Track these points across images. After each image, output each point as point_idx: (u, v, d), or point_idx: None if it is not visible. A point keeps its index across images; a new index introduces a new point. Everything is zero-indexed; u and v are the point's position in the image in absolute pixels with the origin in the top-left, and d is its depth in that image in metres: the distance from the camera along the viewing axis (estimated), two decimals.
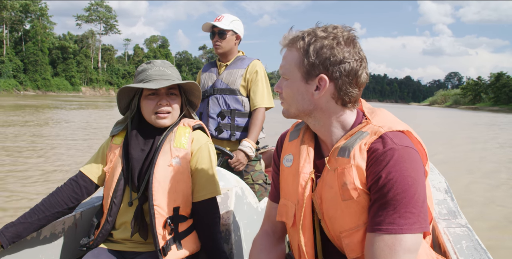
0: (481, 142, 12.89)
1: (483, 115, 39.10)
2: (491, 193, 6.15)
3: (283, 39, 1.08)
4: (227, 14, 2.65)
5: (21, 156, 7.55)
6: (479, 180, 6.97)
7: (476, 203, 5.40)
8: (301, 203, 1.08)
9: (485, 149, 11.39)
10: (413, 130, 1.07)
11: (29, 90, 64.81)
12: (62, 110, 23.04)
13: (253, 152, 2.50)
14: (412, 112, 41.46)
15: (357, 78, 1.03)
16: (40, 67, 66.89)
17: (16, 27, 69.88)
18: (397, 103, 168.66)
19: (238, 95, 2.58)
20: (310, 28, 1.06)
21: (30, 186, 5.53)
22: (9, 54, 65.64)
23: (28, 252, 1.47)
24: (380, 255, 0.92)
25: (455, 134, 16.10)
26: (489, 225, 4.48)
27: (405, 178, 0.93)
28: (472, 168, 8.08)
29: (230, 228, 1.72)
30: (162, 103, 1.48)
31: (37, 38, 67.74)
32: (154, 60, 1.58)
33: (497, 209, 5.28)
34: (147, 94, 1.50)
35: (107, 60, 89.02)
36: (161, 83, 1.46)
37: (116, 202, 1.50)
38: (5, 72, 61.66)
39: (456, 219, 1.39)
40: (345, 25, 1.07)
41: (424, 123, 23.00)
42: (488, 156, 9.89)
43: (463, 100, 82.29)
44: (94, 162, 1.58)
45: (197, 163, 1.53)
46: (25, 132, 11.21)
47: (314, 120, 1.09)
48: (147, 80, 1.49)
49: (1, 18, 65.42)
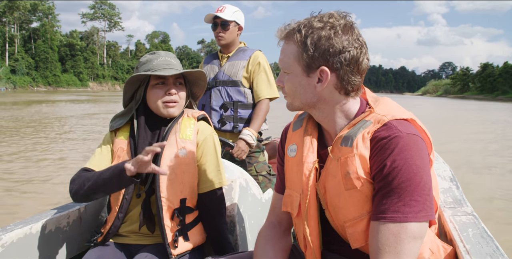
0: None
1: (465, 102, 43.54)
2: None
3: (279, 32, 1.05)
4: (229, 5, 2.57)
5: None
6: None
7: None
8: (305, 192, 1.06)
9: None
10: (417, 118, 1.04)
11: (41, 86, 66.78)
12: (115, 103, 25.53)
13: (253, 140, 2.45)
14: (403, 101, 45.58)
15: (358, 65, 0.99)
16: (50, 64, 69.19)
17: (24, 26, 72.96)
18: (392, 93, 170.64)
19: (240, 86, 2.54)
20: (306, 19, 1.02)
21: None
22: (20, 52, 69.04)
23: (33, 246, 1.44)
24: (386, 243, 0.90)
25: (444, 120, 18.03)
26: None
27: (410, 166, 0.91)
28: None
29: (235, 219, 1.70)
30: (172, 92, 1.44)
31: (46, 37, 69.53)
32: (157, 50, 1.54)
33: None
34: (155, 83, 1.45)
35: (112, 56, 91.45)
36: (171, 71, 1.42)
37: (128, 198, 1.46)
38: (19, 69, 65.38)
39: (462, 207, 1.37)
40: (340, 10, 1.03)
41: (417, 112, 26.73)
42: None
43: (453, 90, 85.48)
44: (101, 158, 1.50)
45: (202, 154, 1.50)
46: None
47: (318, 112, 1.07)
48: (154, 70, 1.44)
49: (12, 18, 69.24)
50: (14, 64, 65.05)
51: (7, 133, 10.71)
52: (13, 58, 65.87)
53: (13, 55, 66.38)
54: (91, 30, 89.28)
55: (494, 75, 69.66)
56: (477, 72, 78.19)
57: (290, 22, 1.04)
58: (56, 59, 72.08)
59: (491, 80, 69.97)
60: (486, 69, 73.99)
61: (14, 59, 65.67)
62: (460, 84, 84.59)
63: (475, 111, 27.44)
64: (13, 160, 7.19)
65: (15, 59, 65.71)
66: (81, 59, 78.34)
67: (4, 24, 67.57)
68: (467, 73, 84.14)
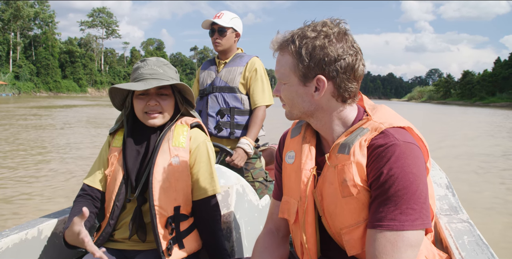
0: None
1: (445, 107, 47.07)
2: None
3: (273, 43, 1.05)
4: (227, 11, 2.55)
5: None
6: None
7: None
8: (303, 199, 1.05)
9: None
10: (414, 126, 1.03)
11: (42, 92, 68.16)
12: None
13: (251, 149, 2.43)
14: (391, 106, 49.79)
15: (354, 72, 0.99)
16: (51, 71, 70.44)
17: (25, 34, 75.30)
18: (380, 99, 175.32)
19: (237, 93, 2.52)
20: (299, 29, 1.01)
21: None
22: (21, 59, 71.96)
23: (29, 252, 1.41)
24: (382, 251, 0.89)
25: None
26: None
27: (406, 174, 0.90)
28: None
29: (231, 226, 1.67)
30: (151, 103, 1.42)
31: (47, 44, 71.07)
32: (149, 57, 1.52)
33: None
34: (138, 94, 1.44)
35: (109, 63, 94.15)
36: (150, 83, 1.39)
37: (118, 205, 1.44)
38: (22, 75, 68.12)
39: (458, 214, 1.36)
40: (333, 17, 1.02)
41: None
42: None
43: (436, 96, 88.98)
44: (97, 171, 1.50)
45: (195, 162, 1.47)
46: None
47: (315, 120, 1.06)
48: (138, 79, 1.44)
49: (16, 26, 72.53)
50: (17, 70, 68.01)
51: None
52: (17, 64, 68.45)
53: (16, 62, 69.27)
54: (87, 37, 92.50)
55: (473, 82, 74.94)
56: (459, 80, 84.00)
57: (283, 33, 1.04)
58: (57, 66, 73.44)
59: (470, 87, 74.40)
60: (466, 76, 79.37)
61: (18, 65, 68.28)
62: (443, 90, 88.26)
63: (447, 115, 29.87)
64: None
65: (19, 65, 67.91)
66: (80, 66, 79.54)
67: (8, 32, 70.88)
68: (449, 80, 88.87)
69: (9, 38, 70.75)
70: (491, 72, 71.92)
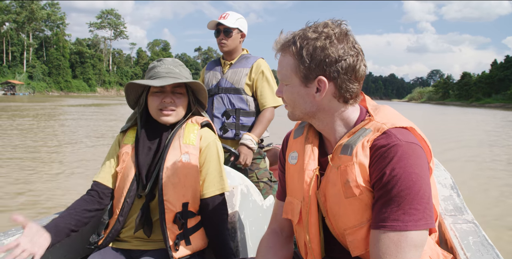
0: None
1: (443, 107, 47.80)
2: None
3: (275, 44, 1.05)
4: (232, 12, 2.54)
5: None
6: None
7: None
8: (306, 200, 1.04)
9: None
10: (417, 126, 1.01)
11: (54, 91, 70.29)
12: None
13: (254, 143, 2.41)
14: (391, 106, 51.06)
15: (355, 73, 0.98)
16: (62, 71, 72.87)
17: (36, 35, 75.59)
18: (381, 99, 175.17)
19: (243, 94, 2.51)
20: (301, 30, 1.01)
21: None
22: (33, 59, 71.33)
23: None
24: (386, 251, 0.89)
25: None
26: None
27: (409, 175, 0.89)
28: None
29: (236, 226, 1.67)
30: (166, 100, 1.44)
31: (59, 45, 72.99)
32: (165, 58, 1.54)
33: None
34: (154, 91, 1.46)
35: (116, 63, 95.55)
36: (166, 80, 1.41)
37: (129, 201, 1.45)
38: (36, 75, 68.30)
39: (463, 215, 1.35)
40: (335, 19, 1.01)
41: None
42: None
43: (435, 97, 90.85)
44: (107, 169, 1.52)
45: (205, 160, 1.49)
46: None
47: (318, 121, 1.05)
48: (154, 77, 1.46)
49: (29, 28, 75.39)
50: (31, 71, 69.90)
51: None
52: (30, 65, 69.57)
53: (29, 62, 70.20)
54: (94, 38, 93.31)
55: (470, 84, 76.45)
56: (457, 81, 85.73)
57: (285, 34, 1.03)
58: (68, 66, 75.58)
59: (467, 88, 76.13)
60: (464, 78, 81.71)
61: (31, 66, 69.78)
62: (441, 91, 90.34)
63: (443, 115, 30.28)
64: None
65: (32, 65, 69.23)
66: (89, 66, 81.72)
67: (21, 33, 73.79)
68: (447, 81, 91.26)
69: (23, 39, 73.66)
70: (488, 74, 73.41)
